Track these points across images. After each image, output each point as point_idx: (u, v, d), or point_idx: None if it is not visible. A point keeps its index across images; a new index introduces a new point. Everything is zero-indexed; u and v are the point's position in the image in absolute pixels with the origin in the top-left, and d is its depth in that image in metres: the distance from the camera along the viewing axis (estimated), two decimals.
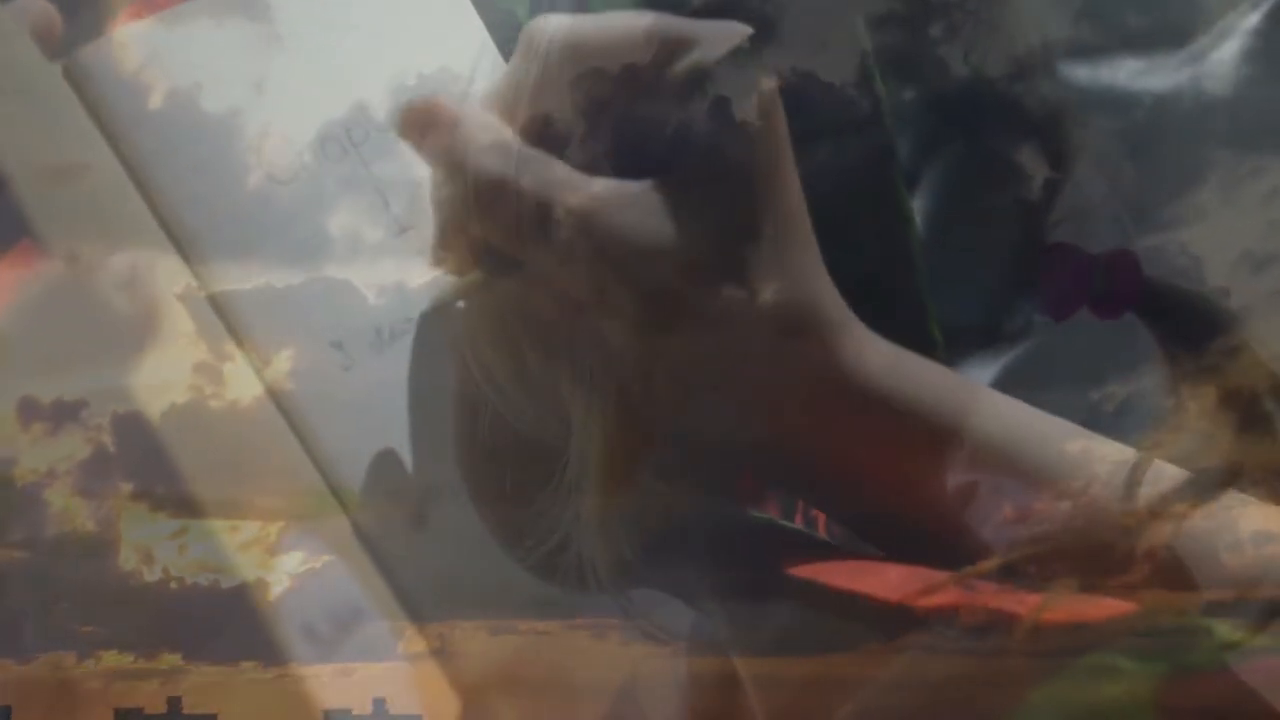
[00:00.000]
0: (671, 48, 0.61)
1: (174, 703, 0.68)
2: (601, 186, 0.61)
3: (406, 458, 0.69)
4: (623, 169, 0.62)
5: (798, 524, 0.67)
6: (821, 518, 0.67)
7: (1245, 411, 0.62)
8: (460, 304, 0.66)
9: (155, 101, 0.69)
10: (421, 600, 0.69)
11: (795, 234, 0.61)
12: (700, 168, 0.61)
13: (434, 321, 0.68)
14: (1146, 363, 0.66)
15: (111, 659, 0.69)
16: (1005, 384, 0.65)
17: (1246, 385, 0.63)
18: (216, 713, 0.67)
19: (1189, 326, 0.66)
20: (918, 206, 0.66)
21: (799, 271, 0.61)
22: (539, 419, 0.64)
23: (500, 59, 0.69)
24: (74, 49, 0.69)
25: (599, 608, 0.65)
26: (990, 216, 0.67)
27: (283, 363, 0.69)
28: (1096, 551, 0.59)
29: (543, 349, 0.63)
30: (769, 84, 0.61)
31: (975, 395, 0.63)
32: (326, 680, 0.68)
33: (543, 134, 0.62)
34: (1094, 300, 0.66)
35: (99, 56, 0.69)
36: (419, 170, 0.68)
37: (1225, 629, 0.57)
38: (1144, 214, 0.69)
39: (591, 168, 0.62)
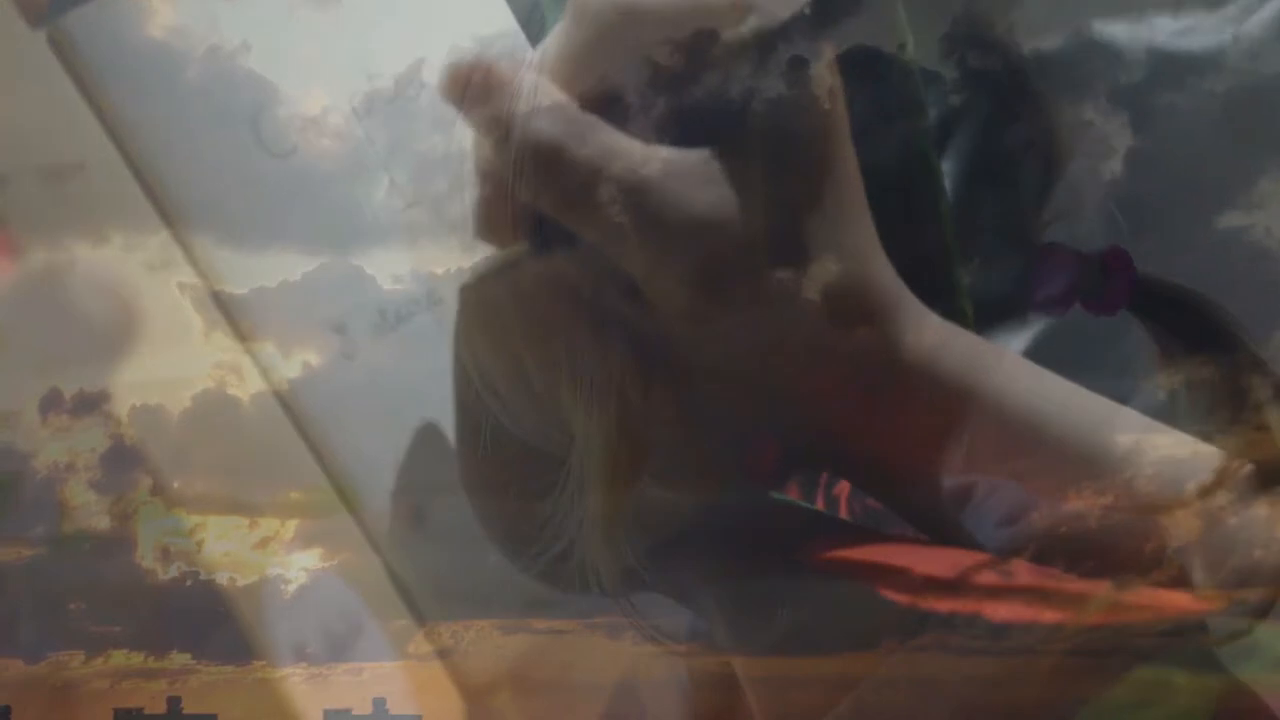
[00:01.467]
0: (731, 12, 0.59)
1: (174, 703, 0.69)
2: (659, 155, 0.59)
3: (413, 451, 0.69)
4: (681, 138, 0.59)
5: (819, 506, 0.66)
6: (843, 497, 0.66)
7: (1240, 408, 0.63)
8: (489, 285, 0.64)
9: (150, 68, 0.67)
10: (435, 599, 0.70)
11: (854, 210, 0.60)
12: (761, 137, 0.59)
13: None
14: (1199, 352, 0.66)
15: (120, 658, 0.70)
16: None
17: (1243, 382, 0.63)
18: (217, 713, 0.67)
19: (1185, 324, 0.66)
20: (945, 173, 0.65)
21: (860, 247, 0.60)
22: (540, 427, 0.63)
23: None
24: (60, 15, 0.67)
25: (610, 607, 0.65)
26: (1018, 185, 0.67)
27: (300, 354, 0.70)
28: (1127, 546, 0.58)
29: (542, 358, 0.61)
30: (829, 50, 0.59)
31: (1038, 380, 0.61)
32: (328, 680, 0.69)
33: (598, 100, 0.60)
34: (1088, 298, 0.66)
35: (88, 22, 0.67)
36: (422, 142, 0.67)
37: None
38: (1227, 194, 0.69)
39: (650, 136, 0.59)
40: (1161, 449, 0.59)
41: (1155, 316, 0.67)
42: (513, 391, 0.63)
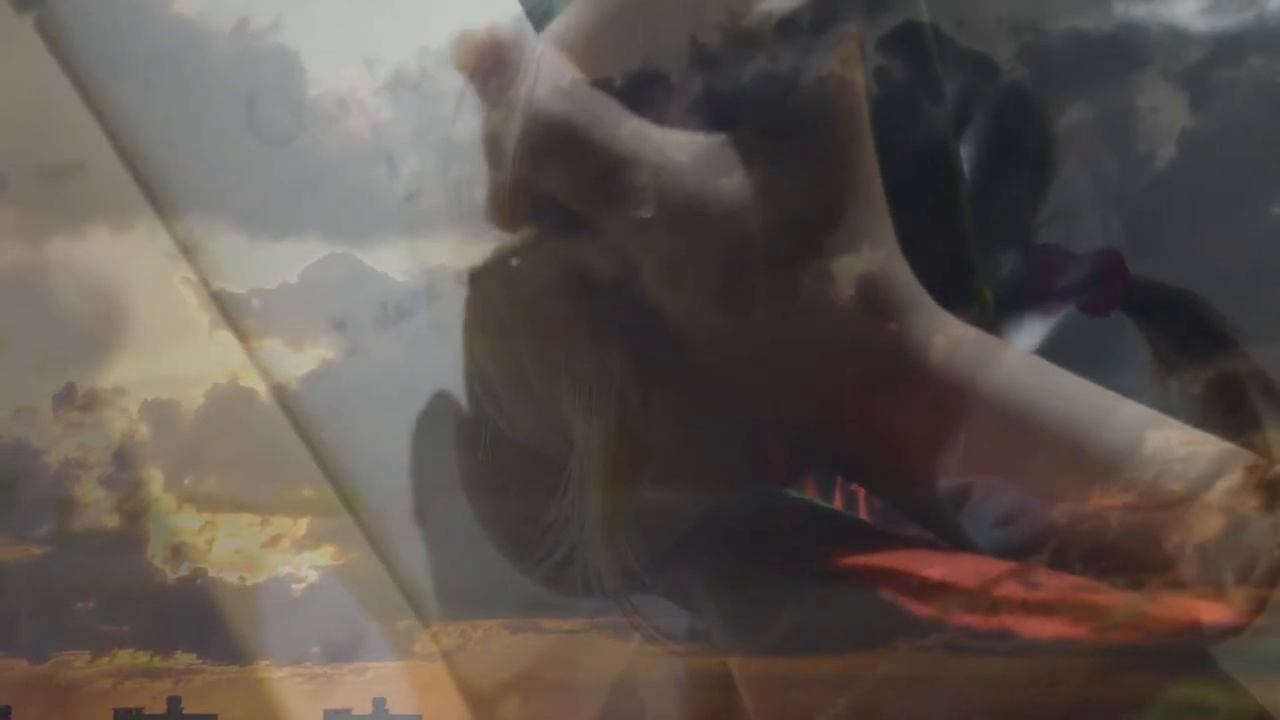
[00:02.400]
0: None
1: (174, 703, 0.69)
2: (679, 140, 0.57)
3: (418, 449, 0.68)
4: (697, 122, 0.58)
5: (837, 503, 0.65)
6: (861, 494, 0.64)
7: (1232, 407, 0.63)
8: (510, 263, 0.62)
9: (140, 52, 0.66)
10: (447, 598, 0.70)
11: (875, 200, 0.58)
12: (785, 124, 0.57)
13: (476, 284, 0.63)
14: (1192, 352, 0.66)
15: (126, 657, 0.70)
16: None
17: (1233, 380, 0.63)
18: (217, 713, 0.68)
19: (1178, 325, 0.66)
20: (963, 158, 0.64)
21: (880, 241, 0.58)
22: (540, 431, 0.62)
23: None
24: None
25: (613, 607, 0.64)
26: (1018, 184, 0.67)
27: (312, 349, 0.69)
28: (1145, 545, 0.57)
29: (541, 363, 0.61)
30: (852, 33, 0.58)
31: (1048, 378, 0.60)
32: (329, 680, 0.69)
33: (613, 80, 0.58)
34: (1082, 300, 0.66)
35: (79, 6, 0.64)
36: (427, 133, 0.64)
37: None
38: None
39: (665, 120, 0.58)
40: (1170, 443, 0.59)
41: (1149, 317, 0.67)
42: (511, 394, 0.62)
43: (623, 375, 0.60)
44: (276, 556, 0.71)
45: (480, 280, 0.61)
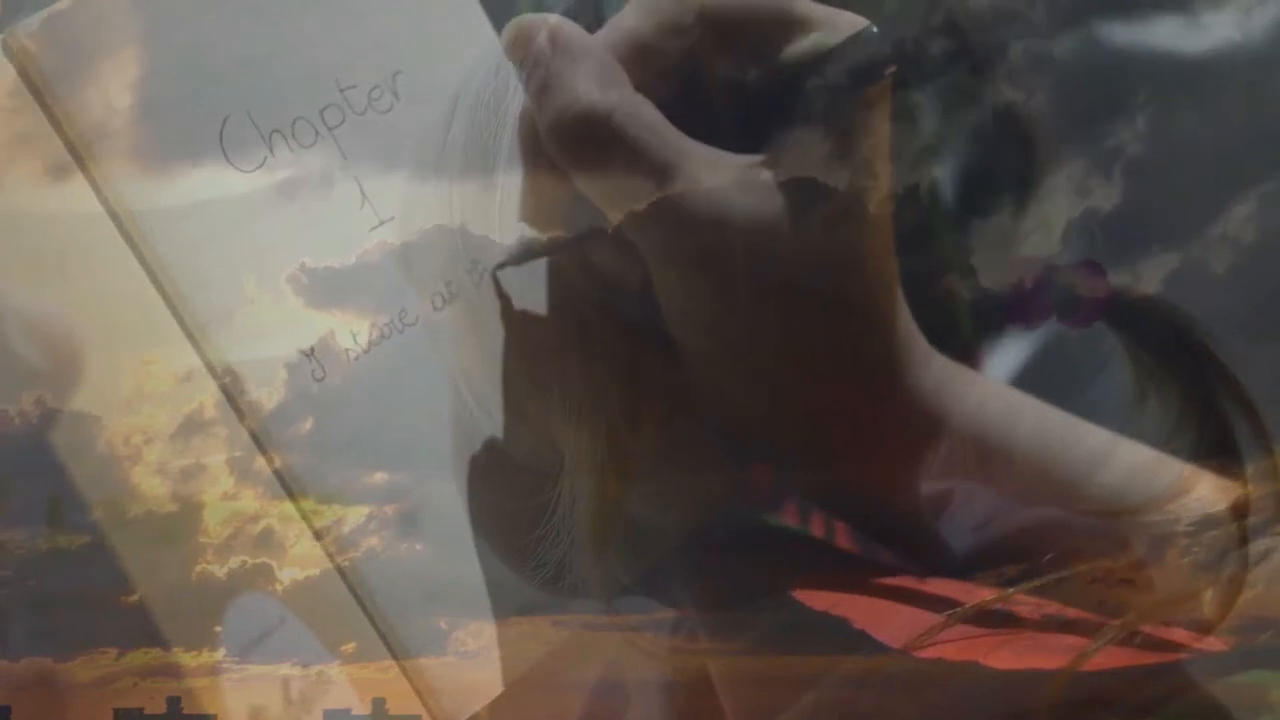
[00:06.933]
0: (795, 25, 0.60)
1: (173, 703, 0.69)
2: (716, 157, 0.59)
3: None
4: (735, 142, 0.60)
5: (816, 531, 0.66)
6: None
7: (1206, 418, 0.64)
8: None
9: (112, 79, 0.63)
10: (494, 592, 0.69)
11: (884, 237, 0.61)
12: (811, 154, 0.59)
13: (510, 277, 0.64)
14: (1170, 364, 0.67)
15: (154, 655, 0.71)
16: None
17: (1209, 391, 0.64)
18: (215, 713, 0.67)
19: (1156, 335, 0.67)
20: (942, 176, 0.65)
21: (881, 282, 0.60)
22: (533, 450, 0.64)
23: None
24: (15, 20, 0.62)
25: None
26: (999, 199, 0.68)
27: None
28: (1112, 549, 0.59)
29: (533, 383, 0.63)
30: (891, 72, 0.60)
31: (1015, 405, 0.63)
32: (328, 680, 0.68)
33: (658, 91, 0.60)
34: (1063, 310, 0.67)
35: (48, 29, 0.62)
36: (399, 156, 0.65)
37: None
38: None
39: (701, 136, 0.59)
40: (1132, 463, 0.62)
41: (1129, 329, 0.68)
42: (506, 414, 0.64)
43: (613, 402, 0.62)
44: (331, 547, 0.71)
45: (480, 290, 0.63)
